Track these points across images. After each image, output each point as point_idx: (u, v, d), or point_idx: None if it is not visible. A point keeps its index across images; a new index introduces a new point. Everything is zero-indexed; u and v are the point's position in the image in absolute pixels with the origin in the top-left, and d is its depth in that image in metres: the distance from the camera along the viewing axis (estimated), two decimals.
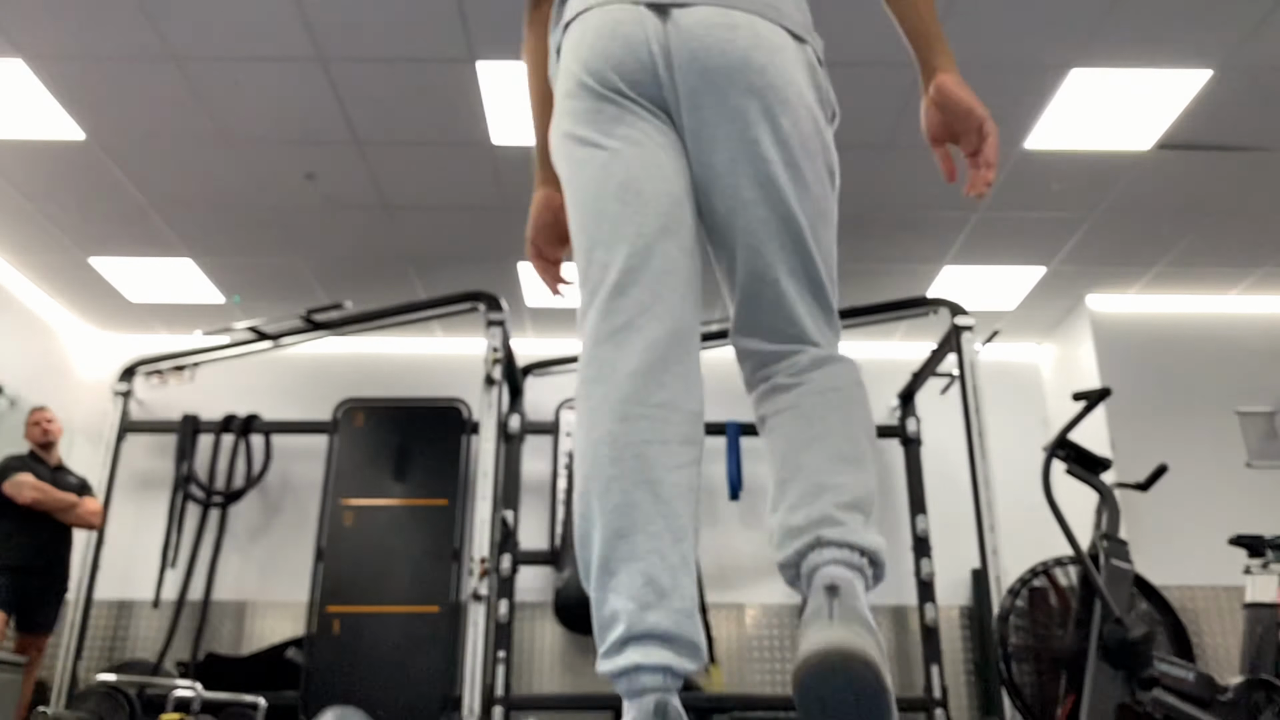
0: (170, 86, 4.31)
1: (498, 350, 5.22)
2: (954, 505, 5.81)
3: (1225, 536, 4.25)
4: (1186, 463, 5.64)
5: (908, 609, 6.24)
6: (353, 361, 6.91)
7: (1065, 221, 5.44)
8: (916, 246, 5.71)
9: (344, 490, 6.06)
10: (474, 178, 5.02)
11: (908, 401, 6.50)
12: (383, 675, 5.57)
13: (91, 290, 6.29)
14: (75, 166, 4.91)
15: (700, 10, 1.27)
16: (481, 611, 4.67)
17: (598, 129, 1.29)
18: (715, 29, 1.26)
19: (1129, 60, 4.15)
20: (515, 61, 4.16)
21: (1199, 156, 4.81)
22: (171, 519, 6.26)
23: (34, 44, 4.06)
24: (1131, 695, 3.00)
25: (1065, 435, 3.48)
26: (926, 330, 6.42)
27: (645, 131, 1.29)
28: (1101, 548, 3.27)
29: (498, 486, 5.25)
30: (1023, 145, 4.72)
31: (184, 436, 6.40)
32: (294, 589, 6.17)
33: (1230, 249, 5.74)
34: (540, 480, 6.44)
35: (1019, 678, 3.42)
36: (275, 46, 4.07)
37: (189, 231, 5.58)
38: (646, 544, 1.11)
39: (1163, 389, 6.20)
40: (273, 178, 5.04)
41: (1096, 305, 6.41)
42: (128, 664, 5.93)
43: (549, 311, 6.59)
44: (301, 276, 6.12)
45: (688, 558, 1.14)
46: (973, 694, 6.17)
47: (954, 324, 5.48)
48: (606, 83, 1.29)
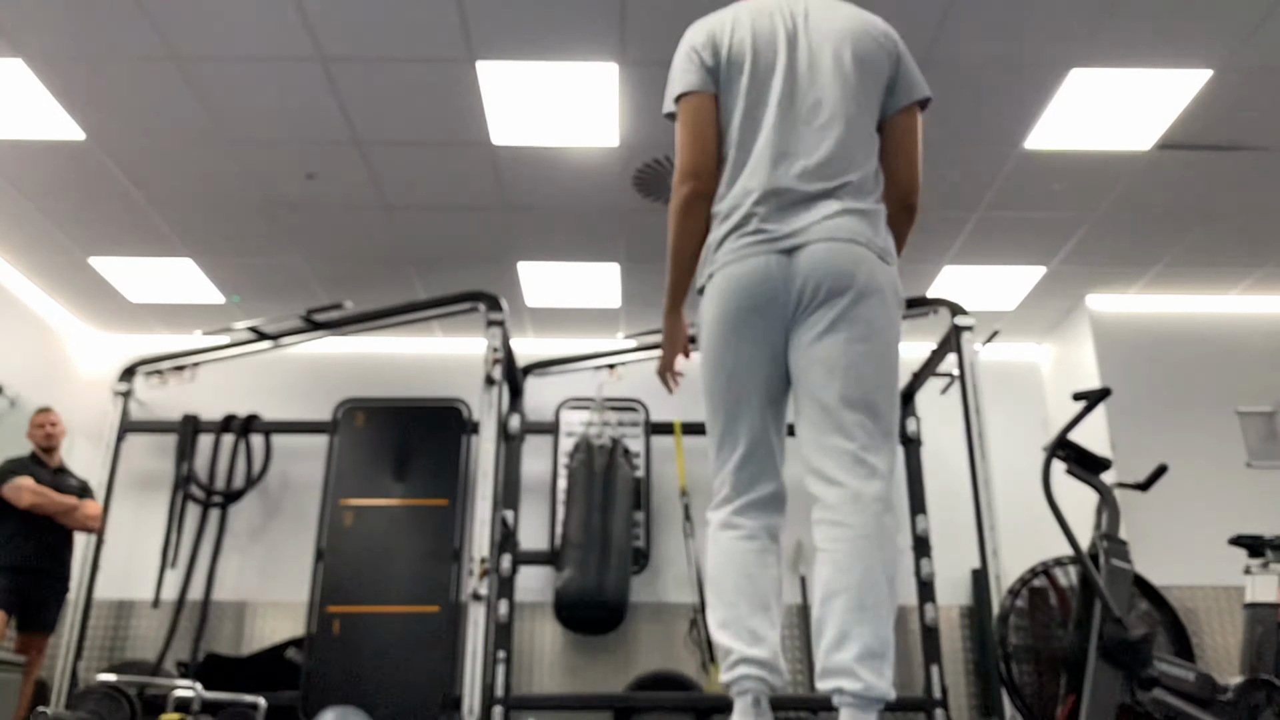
0: (170, 86, 4.31)
1: (498, 350, 5.22)
2: (954, 505, 5.81)
3: (1225, 536, 4.25)
4: (1186, 463, 5.63)
5: (908, 609, 6.23)
6: (353, 361, 6.91)
7: (1065, 221, 5.44)
8: (916, 246, 5.70)
9: (344, 490, 6.06)
10: (474, 178, 5.02)
11: (908, 401, 6.50)
12: (383, 675, 5.57)
13: (91, 290, 6.29)
14: (75, 166, 4.91)
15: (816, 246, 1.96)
16: (481, 611, 4.67)
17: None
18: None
19: (1129, 60, 4.15)
20: (515, 61, 4.16)
21: (1199, 156, 4.81)
22: (171, 519, 6.26)
23: (34, 44, 4.06)
24: (1131, 695, 3.00)
25: (1065, 435, 3.48)
26: (926, 330, 6.41)
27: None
28: (1101, 548, 3.27)
29: (498, 486, 5.25)
30: (1023, 145, 4.72)
31: (184, 436, 6.40)
32: (294, 589, 6.17)
33: (1230, 249, 5.74)
34: (540, 480, 6.44)
35: (1019, 678, 3.42)
36: (275, 46, 4.07)
37: (189, 231, 5.58)
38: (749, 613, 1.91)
39: (1163, 389, 6.20)
40: (273, 178, 5.04)
41: (1096, 305, 6.41)
42: (128, 664, 5.93)
43: (549, 311, 6.59)
44: (301, 276, 6.12)
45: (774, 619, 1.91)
46: (973, 694, 6.17)
47: (954, 324, 5.49)
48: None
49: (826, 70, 2.06)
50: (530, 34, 4.00)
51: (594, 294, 6.33)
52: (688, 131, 2.07)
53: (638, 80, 4.28)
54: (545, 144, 4.73)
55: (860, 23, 2.13)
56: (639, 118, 4.53)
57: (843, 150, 2.01)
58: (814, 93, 2.05)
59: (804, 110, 2.04)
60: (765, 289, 1.92)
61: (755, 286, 1.93)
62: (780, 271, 1.92)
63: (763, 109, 2.05)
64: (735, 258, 1.96)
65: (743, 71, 2.07)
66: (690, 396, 6.31)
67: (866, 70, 2.08)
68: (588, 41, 4.04)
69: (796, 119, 2.04)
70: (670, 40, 4.13)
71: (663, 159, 4.84)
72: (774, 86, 2.06)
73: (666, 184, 5.05)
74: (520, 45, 4.06)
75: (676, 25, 3.96)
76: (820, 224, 1.94)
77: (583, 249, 5.76)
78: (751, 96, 2.06)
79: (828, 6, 2.17)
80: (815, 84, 2.06)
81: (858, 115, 2.05)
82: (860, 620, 1.71)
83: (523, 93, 4.35)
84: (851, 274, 1.90)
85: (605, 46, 4.07)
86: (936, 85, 4.29)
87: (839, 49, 2.08)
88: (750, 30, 2.11)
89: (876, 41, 2.12)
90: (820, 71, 2.06)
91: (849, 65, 2.07)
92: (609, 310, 6.55)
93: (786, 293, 1.92)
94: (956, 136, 4.66)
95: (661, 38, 4.02)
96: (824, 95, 2.05)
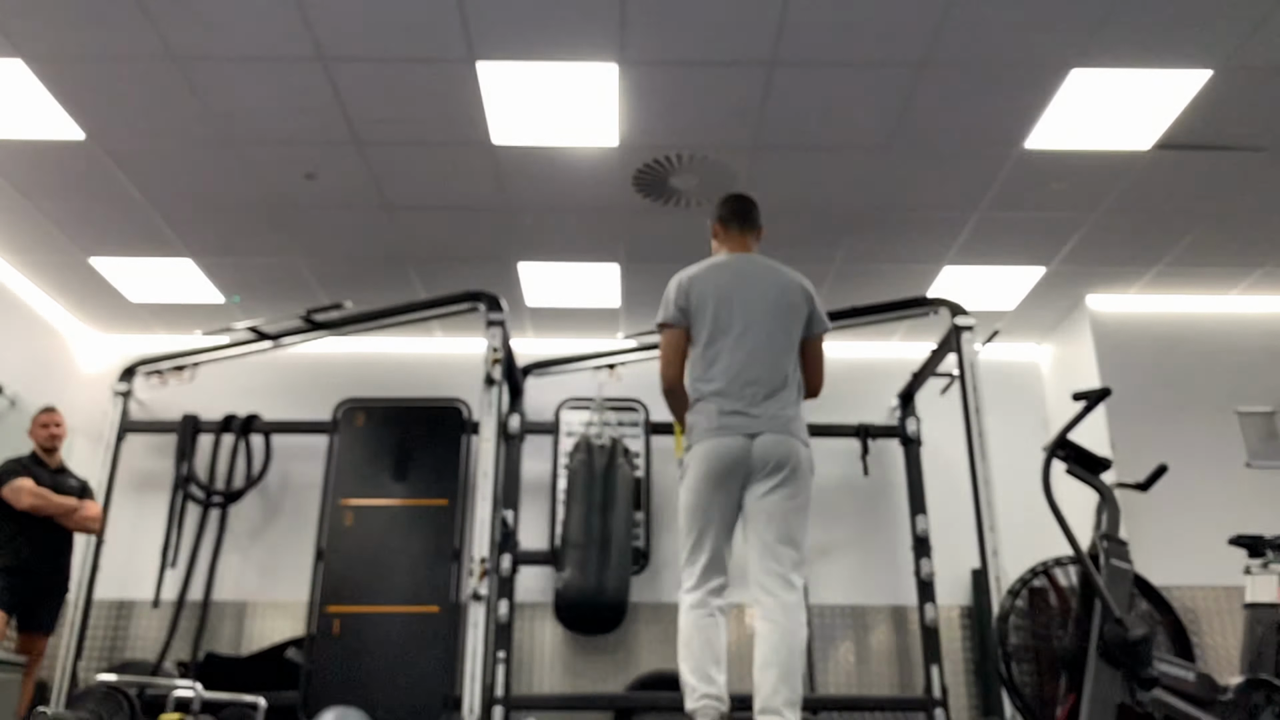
0: (170, 86, 4.31)
1: (498, 350, 5.22)
2: (954, 505, 5.81)
3: (1225, 536, 4.25)
4: (1186, 463, 5.64)
5: (908, 609, 6.25)
6: (353, 361, 6.91)
7: (1065, 221, 5.44)
8: (916, 246, 5.71)
9: (344, 490, 6.06)
10: (474, 178, 5.02)
11: (908, 401, 6.50)
12: (383, 675, 5.58)
13: (91, 290, 6.29)
14: (75, 166, 4.91)
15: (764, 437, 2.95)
16: (481, 611, 4.67)
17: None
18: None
19: (1129, 60, 4.15)
20: (515, 61, 4.16)
21: (1199, 156, 4.81)
22: (171, 519, 6.26)
23: (34, 44, 4.06)
24: (1131, 695, 2.99)
25: (1065, 435, 3.47)
26: (926, 330, 6.42)
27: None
28: (1101, 548, 3.27)
29: (498, 486, 5.25)
30: (1023, 145, 4.72)
31: (184, 436, 6.40)
32: (294, 589, 6.17)
33: (1230, 249, 5.74)
34: (540, 480, 6.44)
35: (1019, 678, 3.42)
36: (275, 46, 4.07)
37: (189, 231, 5.58)
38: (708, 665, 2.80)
39: (1163, 389, 6.20)
40: (273, 178, 5.04)
41: (1096, 305, 6.41)
42: (128, 664, 5.93)
43: (549, 311, 6.59)
44: (301, 276, 6.12)
45: (722, 667, 2.80)
46: (973, 694, 6.17)
47: (954, 324, 5.48)
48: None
49: (765, 313, 3.07)
50: (530, 34, 4.00)
51: (594, 294, 6.33)
52: (664, 352, 3.13)
53: (638, 80, 4.28)
54: (545, 144, 4.73)
55: (788, 279, 3.16)
56: (639, 118, 4.53)
57: (778, 368, 3.02)
58: (758, 327, 3.05)
59: (751, 339, 3.03)
60: (735, 460, 2.93)
61: (729, 458, 2.93)
62: (744, 451, 2.92)
63: (723, 338, 3.05)
64: (714, 436, 2.95)
65: (706, 311, 3.07)
66: None
67: (792, 313, 3.11)
68: (588, 41, 4.04)
69: (746, 345, 3.02)
70: (670, 40, 4.16)
71: (662, 159, 4.85)
72: (732, 323, 3.05)
73: (666, 184, 5.05)
74: (520, 45, 4.06)
75: (676, 25, 3.98)
76: (768, 420, 2.95)
77: (583, 249, 5.76)
78: (714, 328, 3.06)
79: (766, 267, 3.18)
80: (759, 322, 3.05)
81: (785, 344, 3.07)
82: (785, 681, 2.73)
83: (523, 93, 4.35)
84: (787, 457, 2.93)
85: (605, 46, 4.07)
86: (937, 85, 4.33)
87: (774, 298, 3.10)
88: (714, 284, 3.11)
89: (799, 293, 3.14)
90: (761, 314, 3.06)
91: (781, 309, 3.09)
92: (609, 310, 6.55)
93: (748, 465, 2.93)
94: (956, 136, 4.66)
95: (661, 38, 4.02)
96: (764, 329, 3.05)
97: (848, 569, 6.32)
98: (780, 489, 2.90)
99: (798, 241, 5.55)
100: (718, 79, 4.27)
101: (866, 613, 6.36)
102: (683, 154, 4.82)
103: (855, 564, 6.40)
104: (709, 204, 5.17)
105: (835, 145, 4.71)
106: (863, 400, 6.75)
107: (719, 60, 4.15)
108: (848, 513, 6.56)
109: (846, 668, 6.24)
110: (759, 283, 3.11)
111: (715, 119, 4.55)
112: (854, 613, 6.35)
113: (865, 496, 6.61)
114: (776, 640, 2.76)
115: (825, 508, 6.43)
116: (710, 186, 5.05)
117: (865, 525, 6.55)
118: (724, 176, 4.97)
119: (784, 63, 4.15)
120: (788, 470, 2.91)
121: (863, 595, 6.37)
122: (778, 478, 2.91)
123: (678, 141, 4.72)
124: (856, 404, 6.72)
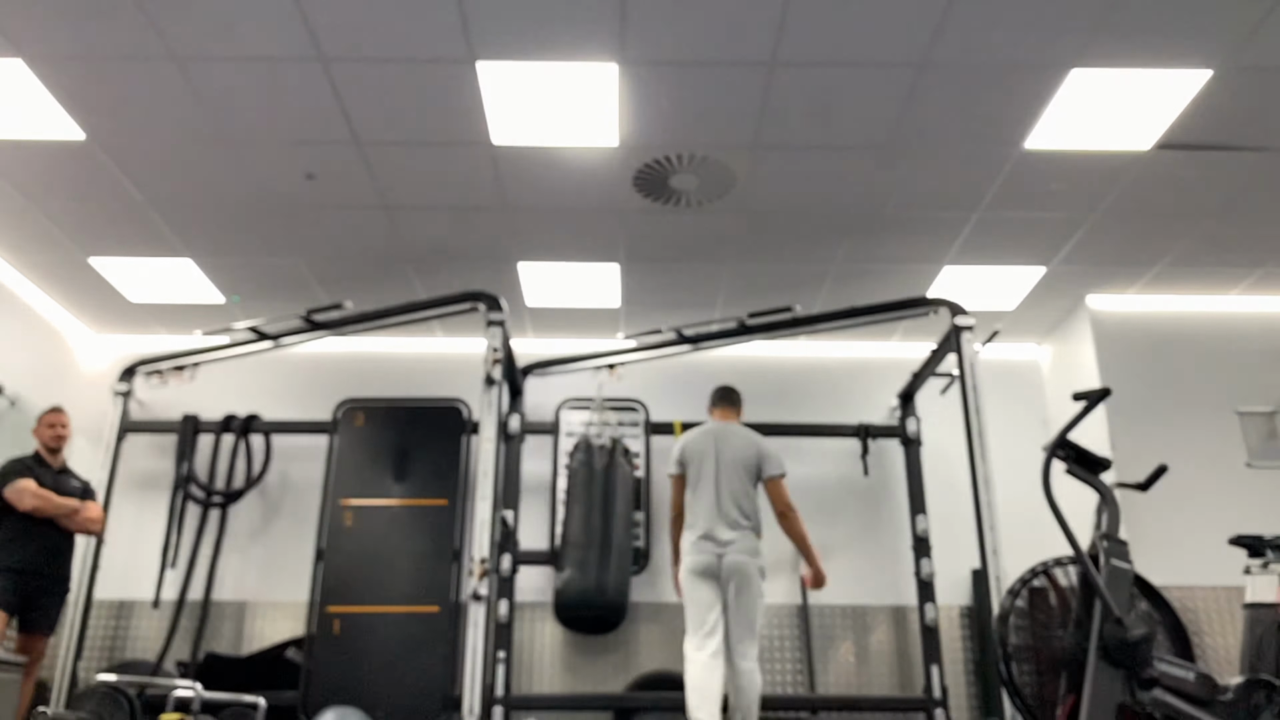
0: (170, 86, 4.31)
1: (498, 350, 5.22)
2: (954, 505, 5.81)
3: (1225, 536, 4.26)
4: (1186, 463, 5.64)
5: (908, 609, 6.25)
6: (353, 361, 6.92)
7: (1065, 221, 5.44)
8: (916, 246, 5.71)
9: (344, 490, 6.06)
10: (474, 178, 5.02)
11: (908, 401, 6.50)
12: (383, 675, 5.58)
13: (91, 290, 6.29)
14: (75, 166, 4.91)
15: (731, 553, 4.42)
16: (481, 611, 4.67)
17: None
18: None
19: (1129, 60, 4.15)
20: (515, 61, 4.16)
21: (1199, 156, 4.82)
22: (171, 519, 6.26)
23: (34, 44, 4.06)
24: (1131, 695, 3.00)
25: (1065, 435, 3.48)
26: (926, 330, 6.42)
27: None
28: (1101, 548, 3.27)
29: (498, 486, 5.25)
30: (1023, 145, 4.72)
31: (184, 436, 6.40)
32: (294, 589, 6.18)
33: (1230, 249, 5.74)
34: (540, 480, 6.44)
35: (1019, 678, 3.42)
36: (275, 46, 4.07)
37: (189, 231, 5.58)
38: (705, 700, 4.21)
39: (1163, 389, 6.20)
40: (273, 178, 5.04)
41: (1096, 305, 6.41)
42: (128, 664, 5.93)
43: (549, 311, 6.59)
44: (301, 276, 6.12)
45: (718, 703, 4.21)
46: (973, 694, 6.17)
47: (954, 324, 5.49)
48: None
49: (732, 468, 4.51)
50: (530, 34, 4.00)
51: (594, 294, 6.33)
52: (673, 494, 4.66)
53: (638, 80, 4.28)
54: (545, 144, 4.73)
55: (746, 441, 4.59)
56: (639, 118, 4.53)
57: (742, 509, 4.46)
58: (727, 478, 4.49)
59: (723, 488, 4.47)
60: (706, 567, 4.38)
61: (701, 566, 4.39)
62: (716, 563, 4.37)
63: (704, 485, 4.51)
64: (697, 552, 4.41)
65: (692, 465, 4.58)
66: (690, 396, 6.39)
67: (749, 467, 4.54)
68: (588, 41, 4.04)
69: (719, 492, 4.47)
70: (670, 40, 4.17)
71: (663, 159, 4.85)
72: (708, 476, 4.51)
73: (666, 184, 5.05)
74: (520, 45, 4.06)
75: (676, 25, 3.98)
76: (733, 544, 4.38)
77: (583, 249, 5.76)
78: (700, 479, 4.53)
79: (736, 433, 4.63)
80: (727, 474, 4.49)
81: (745, 490, 4.50)
82: (746, 717, 4.22)
83: (523, 93, 4.35)
84: (746, 571, 4.35)
85: (605, 46, 4.07)
86: (937, 85, 4.33)
87: (735, 457, 4.54)
88: (699, 447, 4.60)
89: (752, 450, 4.56)
90: (730, 468, 4.51)
91: (738, 464, 4.52)
92: (609, 310, 6.55)
93: (718, 574, 4.37)
94: (956, 136, 4.66)
95: (661, 38, 4.02)
96: (732, 480, 4.49)
97: (848, 569, 6.32)
98: (740, 591, 4.33)
99: (798, 241, 5.55)
100: (718, 79, 4.27)
101: (866, 613, 6.36)
102: (683, 154, 4.82)
103: (855, 564, 6.40)
104: (709, 204, 5.19)
105: (835, 145, 4.71)
106: (863, 400, 6.76)
107: (719, 60, 4.15)
108: (848, 513, 6.56)
109: (846, 668, 6.24)
110: (728, 447, 4.55)
111: (715, 119, 4.55)
112: (854, 613, 6.35)
113: (865, 496, 6.61)
114: (742, 693, 4.25)
115: (825, 507, 6.43)
116: (710, 186, 5.06)
117: (865, 525, 6.56)
118: (724, 176, 4.97)
119: (784, 63, 4.15)
120: (741, 579, 4.34)
121: (863, 595, 6.37)
122: (735, 584, 4.34)
123: (678, 141, 4.72)
124: (856, 404, 6.73)
